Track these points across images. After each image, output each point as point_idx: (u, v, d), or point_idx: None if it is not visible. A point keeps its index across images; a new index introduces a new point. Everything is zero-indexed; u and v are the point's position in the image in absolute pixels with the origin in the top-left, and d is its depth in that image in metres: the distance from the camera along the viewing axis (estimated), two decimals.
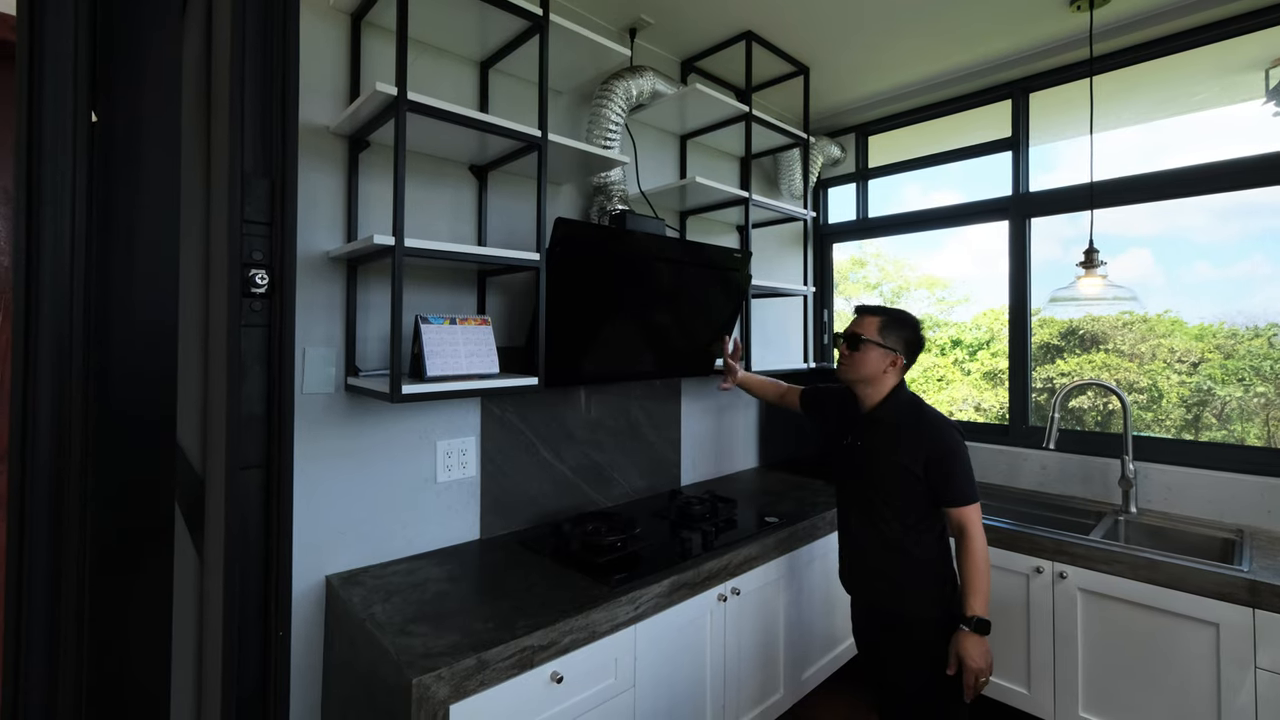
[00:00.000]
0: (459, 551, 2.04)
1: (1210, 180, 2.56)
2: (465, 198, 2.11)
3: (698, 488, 2.84)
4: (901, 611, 1.89)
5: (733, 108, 2.60)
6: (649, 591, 1.84)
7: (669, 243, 2.27)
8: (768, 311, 3.33)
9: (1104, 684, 2.23)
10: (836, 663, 2.66)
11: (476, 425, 2.15)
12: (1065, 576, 2.29)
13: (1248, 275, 5.64)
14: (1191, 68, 2.74)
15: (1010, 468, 3.02)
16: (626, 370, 2.36)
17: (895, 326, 1.97)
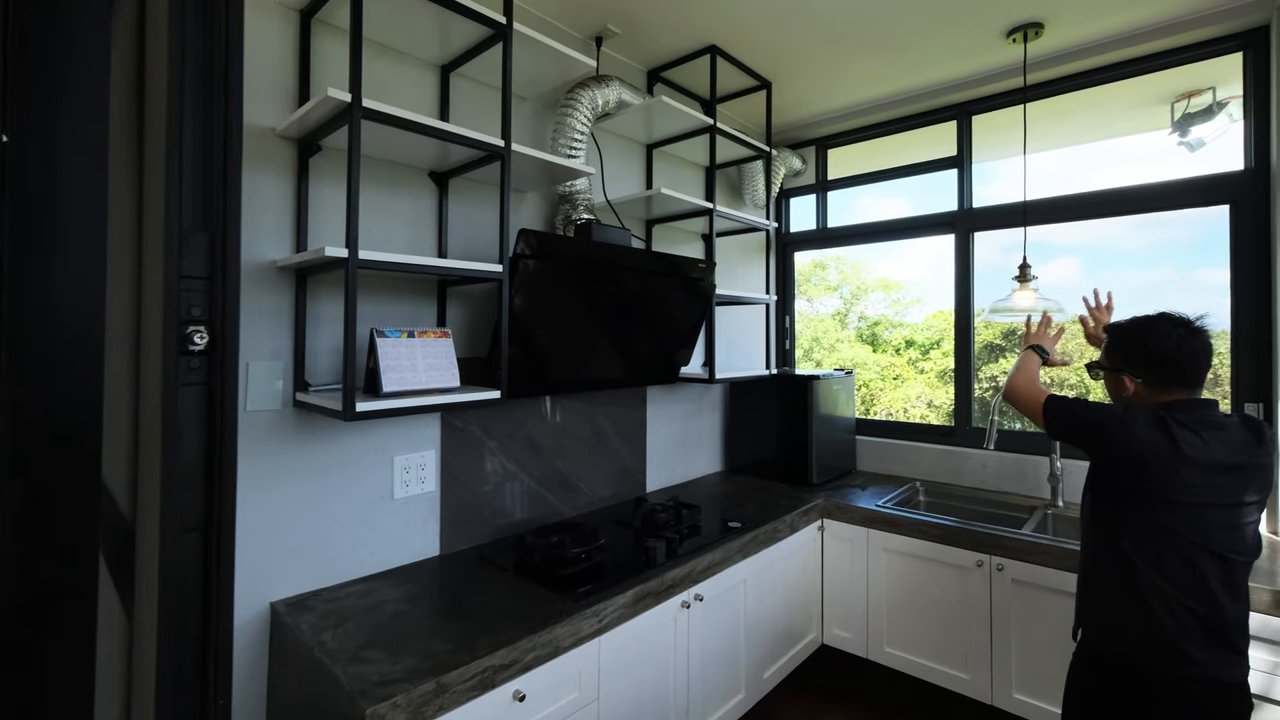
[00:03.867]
0: (418, 569, 1.86)
1: (1123, 203, 2.67)
2: (425, 205, 1.93)
3: (662, 494, 2.72)
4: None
5: (698, 119, 2.47)
6: (613, 603, 1.71)
7: (635, 253, 2.14)
8: (731, 319, 3.22)
9: (1035, 667, 2.24)
10: (796, 660, 2.58)
11: (436, 439, 1.96)
12: (1002, 569, 2.29)
13: (1161, 281, 5.82)
14: (1112, 99, 2.86)
15: (955, 467, 3.03)
16: (592, 380, 2.21)
17: (1121, 343, 1.59)
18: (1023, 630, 2.26)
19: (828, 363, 6.04)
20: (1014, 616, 2.27)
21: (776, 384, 3.03)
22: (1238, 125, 2.53)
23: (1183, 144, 2.81)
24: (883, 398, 5.68)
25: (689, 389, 2.98)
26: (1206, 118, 2.71)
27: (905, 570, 2.52)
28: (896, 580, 2.54)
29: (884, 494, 2.83)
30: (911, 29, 2.43)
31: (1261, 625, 1.85)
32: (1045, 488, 2.74)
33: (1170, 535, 1.43)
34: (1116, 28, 2.47)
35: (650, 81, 2.69)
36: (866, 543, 2.61)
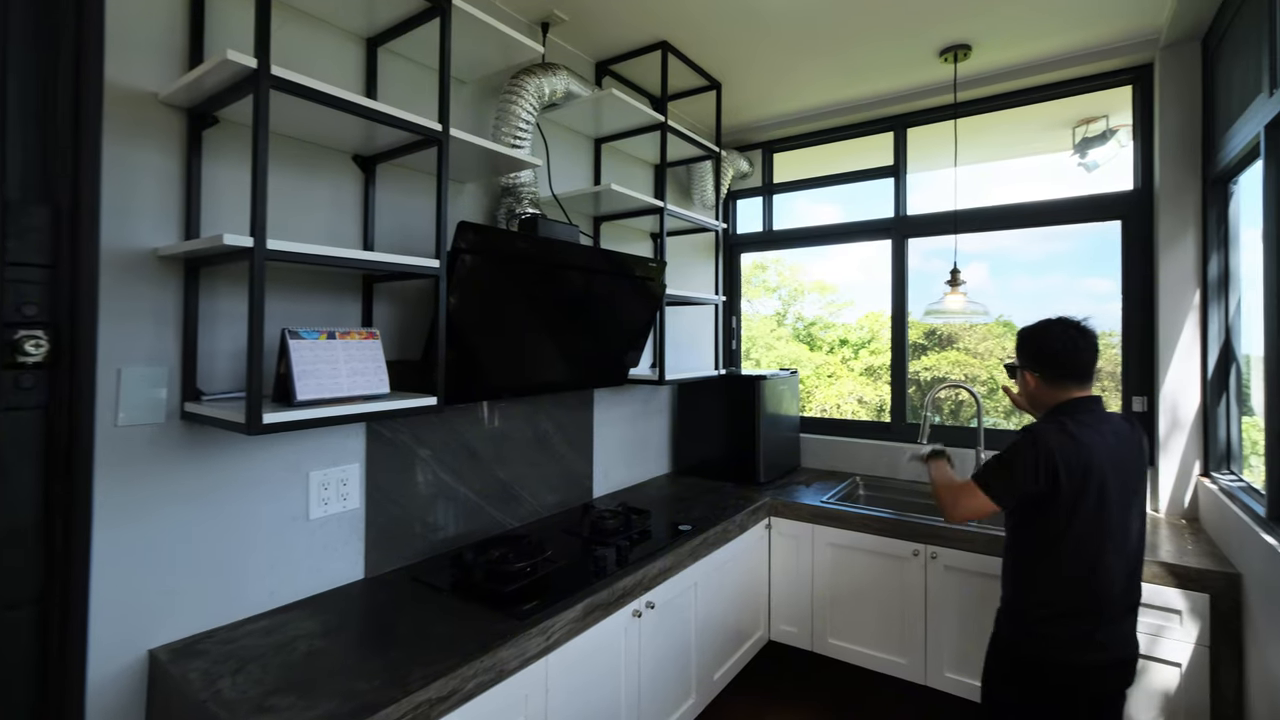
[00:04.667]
0: (338, 597, 1.56)
1: (1036, 216, 2.77)
2: (348, 192, 1.63)
3: (611, 499, 2.50)
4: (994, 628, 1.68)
5: (648, 116, 2.28)
6: (561, 619, 1.51)
7: (584, 250, 1.93)
8: (679, 319, 3.02)
9: (964, 646, 2.22)
10: (745, 658, 2.43)
11: (361, 451, 1.67)
12: (936, 557, 2.27)
13: (1054, 287, 6.10)
14: (1026, 120, 2.94)
15: (892, 461, 2.98)
16: (536, 383, 1.97)
17: (1023, 344, 1.68)
18: (953, 613, 2.25)
19: (765, 361, 5.98)
20: (946, 601, 2.26)
21: (725, 384, 2.87)
22: (1127, 150, 2.67)
23: (1081, 165, 3.03)
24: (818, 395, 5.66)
25: (637, 390, 2.78)
26: (1101, 142, 2.95)
27: (848, 563, 2.44)
28: (839, 573, 2.45)
29: (827, 490, 2.72)
30: (853, 41, 2.38)
31: (1152, 594, 1.90)
32: None
33: (1082, 530, 1.48)
34: (1031, 55, 2.53)
35: (599, 74, 2.47)
36: (812, 538, 2.50)
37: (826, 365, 5.91)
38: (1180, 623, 1.87)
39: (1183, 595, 1.87)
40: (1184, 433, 2.31)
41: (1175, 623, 1.88)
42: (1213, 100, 2.23)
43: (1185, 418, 2.31)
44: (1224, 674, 1.83)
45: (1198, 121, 2.29)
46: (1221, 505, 2.01)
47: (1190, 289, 2.30)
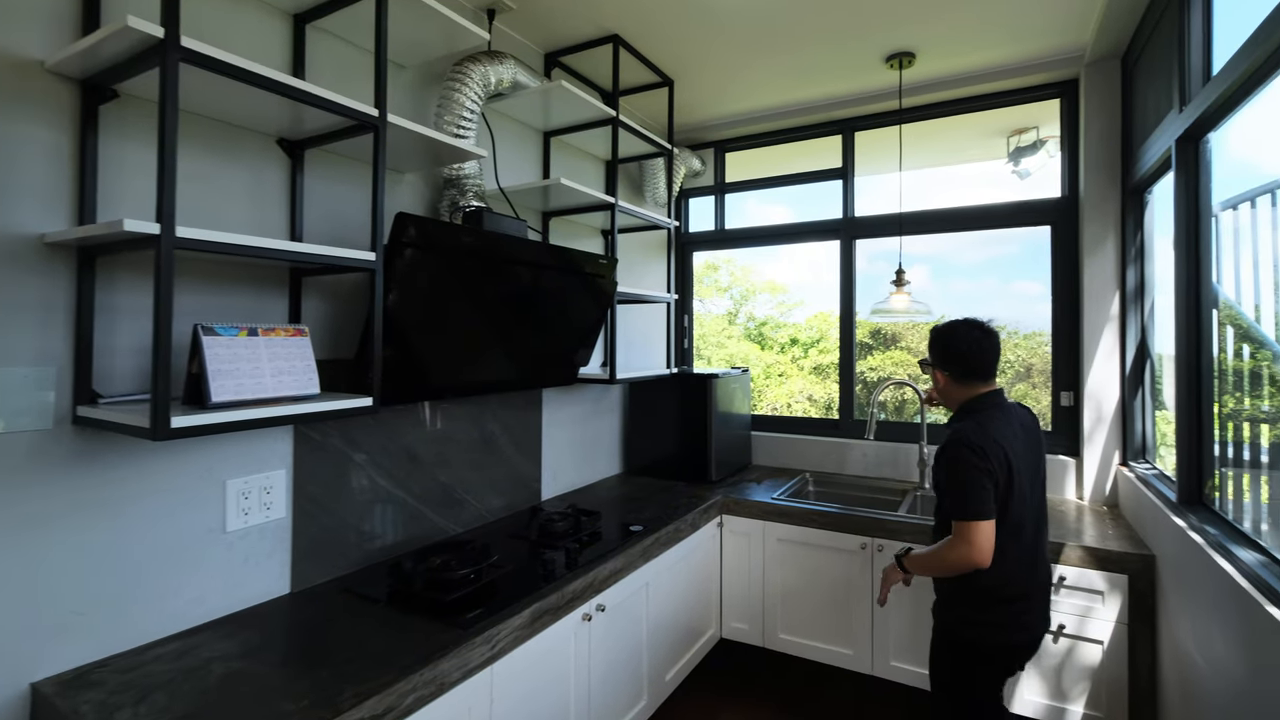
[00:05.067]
0: (260, 614, 1.44)
1: (974, 219, 2.85)
2: (272, 179, 1.50)
3: (560, 501, 2.42)
4: (933, 619, 1.70)
5: (599, 110, 2.22)
6: (508, 626, 1.44)
7: (532, 246, 1.86)
8: (631, 317, 2.97)
9: (909, 635, 2.27)
10: (697, 657, 2.40)
11: (287, 455, 1.54)
12: (882, 549, 2.31)
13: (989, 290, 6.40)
14: (965, 128, 3.05)
15: (840, 457, 3.03)
16: (481, 382, 1.89)
17: (934, 343, 1.75)
18: (898, 604, 2.27)
19: (716, 360, 6.01)
20: (893, 592, 2.26)
21: (677, 383, 2.84)
22: (1055, 159, 2.80)
23: (1015, 173, 3.15)
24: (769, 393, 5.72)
25: (588, 390, 2.72)
26: (1033, 151, 3.08)
27: (798, 558, 2.45)
28: (790, 569, 2.47)
29: (778, 487, 2.74)
30: (804, 42, 2.39)
31: (1078, 577, 2.00)
32: (915, 471, 2.81)
33: (1009, 518, 1.54)
34: (969, 66, 2.61)
35: (548, 65, 2.39)
36: (763, 535, 2.50)
37: (777, 364, 5.99)
38: (1103, 603, 1.96)
39: (1104, 577, 1.96)
40: (1105, 426, 2.43)
41: (1099, 603, 1.97)
42: (1131, 114, 2.34)
43: (1107, 412, 2.43)
44: (1140, 649, 1.93)
45: (1117, 134, 2.41)
46: (1138, 492, 2.12)
47: (1111, 292, 2.42)
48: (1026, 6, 2.13)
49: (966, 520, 1.49)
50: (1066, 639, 2.01)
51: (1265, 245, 2.55)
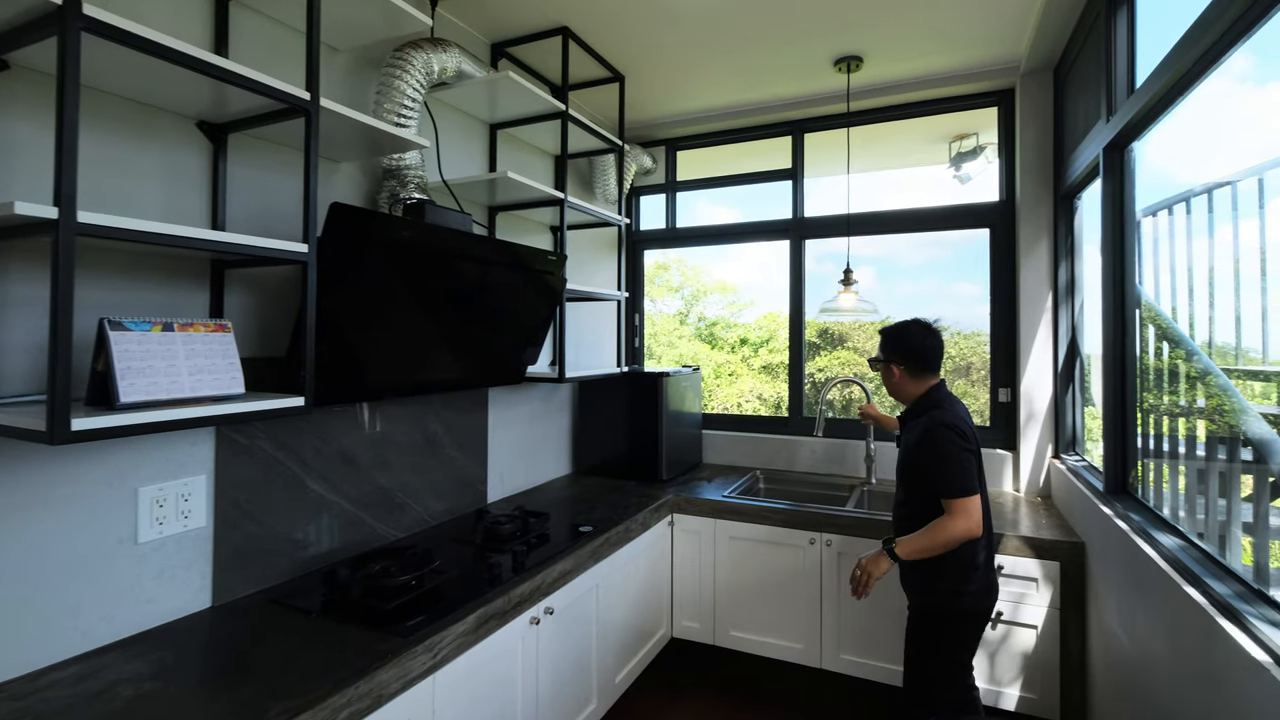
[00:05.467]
0: (177, 631, 1.33)
1: (919, 221, 2.95)
2: (190, 163, 1.39)
3: (507, 503, 2.37)
4: (910, 599, 1.81)
5: (548, 103, 2.18)
6: (451, 632, 1.39)
7: (478, 240, 1.80)
8: (580, 315, 2.94)
9: (857, 628, 2.32)
10: (648, 657, 2.39)
11: (209, 460, 1.44)
12: (830, 544, 2.35)
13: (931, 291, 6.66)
14: (910, 133, 3.14)
15: (790, 454, 3.08)
16: (424, 382, 1.83)
17: (891, 342, 1.89)
18: (847, 597, 2.32)
19: (666, 359, 6.03)
20: (840, 586, 2.33)
21: (628, 382, 2.82)
22: (994, 165, 2.90)
23: (956, 177, 3.25)
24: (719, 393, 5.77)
25: (536, 389, 2.67)
26: (973, 157, 3.18)
27: (748, 555, 2.47)
28: (740, 566, 2.48)
29: (729, 484, 2.76)
30: (755, 42, 2.41)
31: (1014, 565, 2.09)
32: (862, 467, 2.87)
33: (983, 492, 1.72)
34: (914, 72, 2.69)
35: (495, 56, 2.33)
36: (714, 533, 2.51)
37: (728, 364, 6.05)
38: (1037, 589, 2.05)
39: (1039, 564, 2.05)
40: (1039, 420, 2.54)
41: (1033, 589, 2.06)
42: (1062, 123, 2.46)
43: (1040, 408, 2.54)
44: (1071, 632, 2.02)
45: (1050, 142, 2.52)
46: (1069, 483, 2.23)
47: (1045, 293, 2.53)
48: (967, 16, 2.20)
49: (961, 496, 1.64)
50: (1004, 625, 2.09)
51: (1181, 251, 2.72)
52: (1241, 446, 1.76)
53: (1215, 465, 1.86)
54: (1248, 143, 1.82)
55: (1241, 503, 1.79)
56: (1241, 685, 1.06)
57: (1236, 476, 1.81)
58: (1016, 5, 2.13)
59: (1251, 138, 1.75)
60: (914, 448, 1.75)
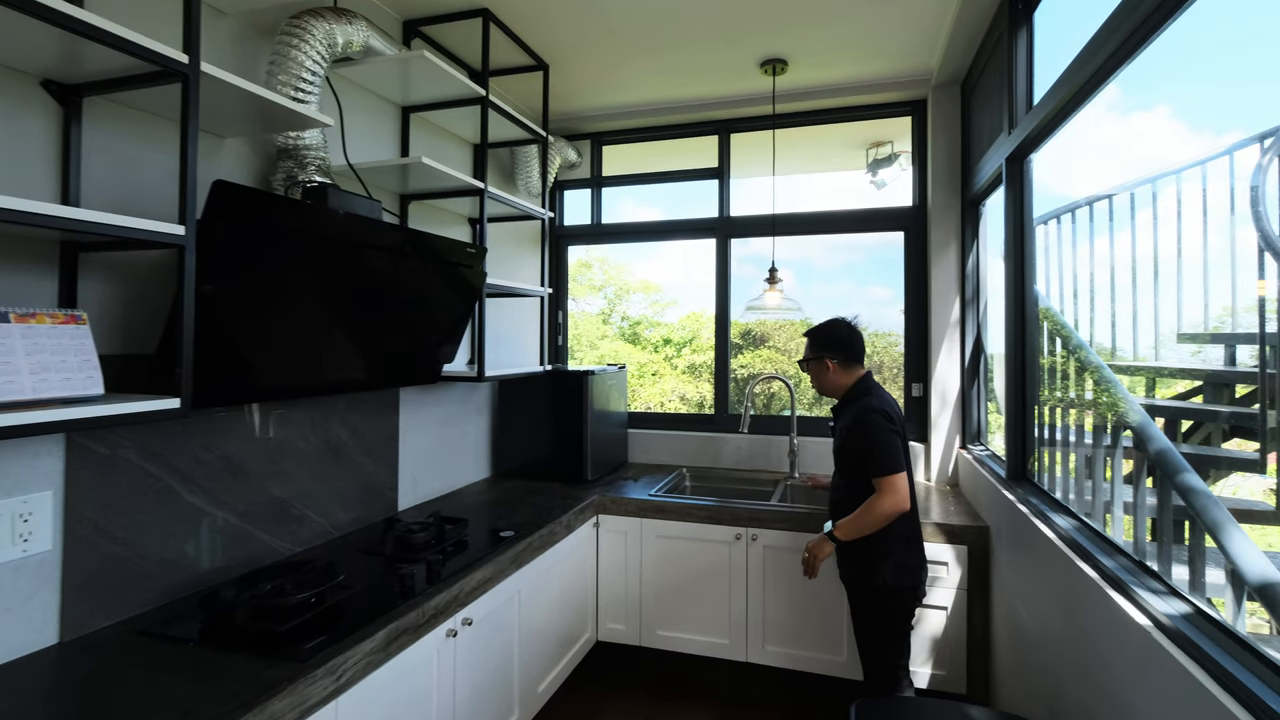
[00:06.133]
0: (14, 673, 1.14)
1: (840, 223, 3.06)
2: (33, 129, 1.20)
3: (420, 510, 2.24)
4: (848, 579, 1.90)
5: (467, 87, 2.07)
6: (357, 651, 1.28)
7: (387, 229, 1.68)
8: (501, 312, 2.84)
9: (782, 619, 2.36)
10: (572, 663, 2.33)
11: (57, 474, 1.24)
12: (756, 539, 2.38)
13: (846, 293, 7.00)
14: (831, 138, 3.25)
15: (715, 451, 3.10)
16: (325, 382, 1.69)
17: (821, 339, 2.01)
18: (772, 590, 2.36)
19: (588, 360, 5.99)
20: (765, 579, 2.37)
21: (551, 381, 2.75)
22: (907, 172, 3.05)
23: (873, 183, 3.40)
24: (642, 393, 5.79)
25: (453, 389, 2.54)
26: (888, 164, 3.32)
27: (675, 553, 2.47)
28: (667, 565, 2.47)
29: (655, 483, 2.74)
30: (683, 39, 2.40)
31: (928, 551, 2.13)
32: (786, 462, 2.93)
33: (909, 472, 1.86)
34: (835, 78, 2.77)
35: (407, 34, 2.20)
36: (640, 533, 2.49)
37: (651, 363, 6.08)
38: (947, 572, 2.16)
39: (949, 549, 2.16)
40: (948, 413, 2.68)
41: (944, 573, 2.16)
42: (969, 134, 2.60)
43: (949, 401, 2.68)
44: (976, 610, 2.14)
45: (958, 151, 2.67)
46: (975, 471, 2.36)
47: (953, 294, 2.68)
48: (884, 28, 2.29)
49: (890, 474, 1.77)
50: (918, 608, 2.19)
51: (1067, 257, 2.96)
52: (1124, 433, 1.94)
53: (1100, 451, 2.03)
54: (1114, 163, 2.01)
55: (1122, 484, 1.96)
56: (1126, 649, 1.15)
57: (1119, 461, 1.99)
58: (928, 21, 2.23)
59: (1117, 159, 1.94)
60: (846, 433, 1.87)
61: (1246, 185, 2.13)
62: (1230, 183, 2.22)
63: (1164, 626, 1.07)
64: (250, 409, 1.66)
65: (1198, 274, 2.36)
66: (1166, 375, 2.67)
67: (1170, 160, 2.47)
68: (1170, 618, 1.06)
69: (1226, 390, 2.44)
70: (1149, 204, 2.52)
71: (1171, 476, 1.63)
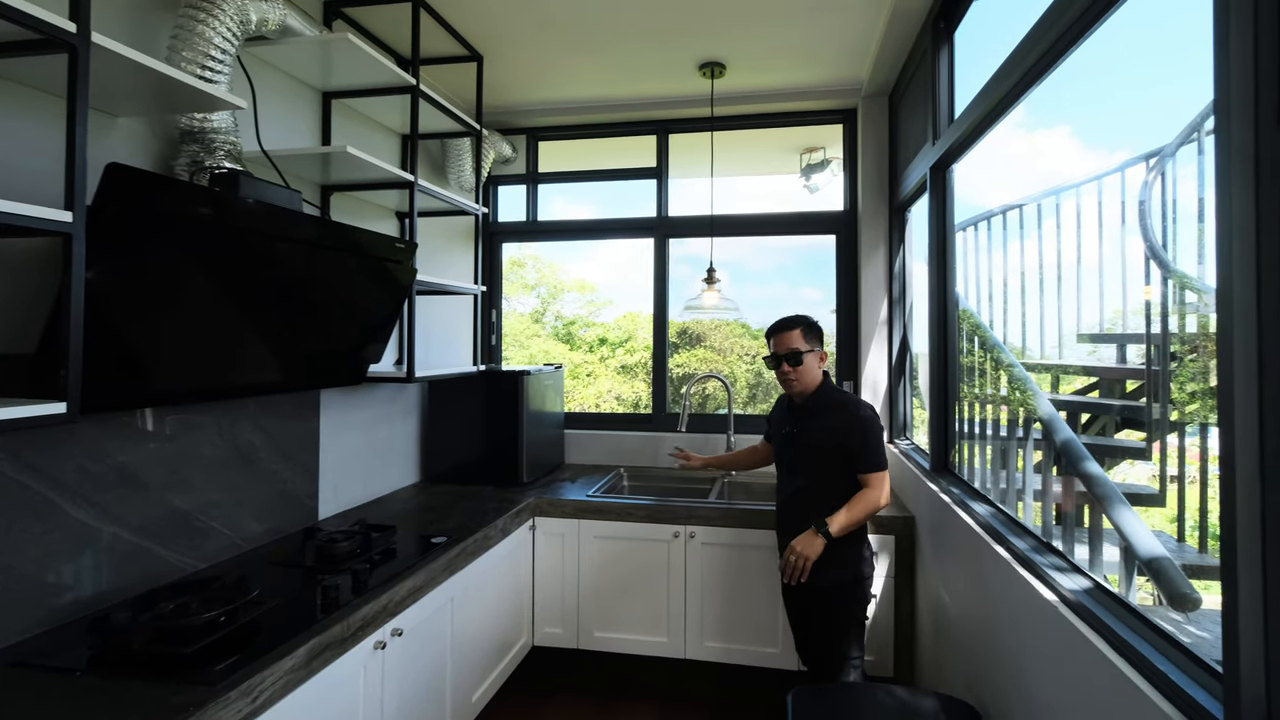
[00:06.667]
0: None
1: (776, 225, 3.15)
2: None
3: (344, 518, 2.14)
4: (821, 575, 1.85)
5: (396, 75, 1.99)
6: (275, 670, 1.21)
7: (307, 221, 1.60)
8: (432, 310, 2.74)
9: (720, 615, 2.40)
10: (507, 670, 2.29)
11: None
12: (694, 536, 2.41)
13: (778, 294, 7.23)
14: (766, 142, 3.34)
15: (654, 450, 3.13)
16: (235, 384, 1.58)
17: (810, 329, 1.96)
18: (710, 587, 2.40)
19: (518, 360, 5.92)
20: (704, 576, 2.41)
21: (485, 381, 2.69)
22: (839, 178, 3.17)
23: (806, 187, 3.52)
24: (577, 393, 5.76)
25: (379, 390, 2.43)
26: (821, 169, 3.45)
27: (613, 554, 2.47)
28: (605, 565, 2.47)
29: (593, 484, 2.73)
30: (622, 38, 2.41)
31: None
32: None
33: None
34: (771, 84, 2.85)
35: (329, 15, 2.09)
36: (578, 534, 2.47)
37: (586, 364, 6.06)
38: (876, 561, 2.25)
39: (878, 539, 2.25)
40: (877, 409, 2.81)
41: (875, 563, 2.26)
42: (896, 143, 2.73)
43: (878, 397, 2.81)
44: (903, 597, 2.26)
45: (886, 159, 2.80)
46: (901, 464, 2.48)
47: (881, 295, 2.81)
48: (818, 37, 2.37)
49: (883, 470, 1.84)
50: None
51: (984, 262, 3.16)
52: (1034, 426, 2.09)
53: (1014, 443, 2.18)
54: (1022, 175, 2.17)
55: (1032, 473, 2.12)
56: (1036, 623, 1.24)
57: (1030, 451, 2.15)
58: (860, 33, 2.33)
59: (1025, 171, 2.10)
60: (840, 432, 1.86)
61: (1135, 200, 2.36)
62: (1122, 197, 2.45)
63: (1068, 601, 1.16)
64: (143, 414, 1.52)
65: (1094, 280, 2.58)
66: (1069, 372, 2.91)
67: (1071, 175, 2.69)
68: (1074, 593, 1.16)
69: (1118, 385, 2.68)
70: (1053, 214, 2.73)
71: (1075, 464, 1.78)
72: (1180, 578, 1.41)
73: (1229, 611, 0.73)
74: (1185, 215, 2.22)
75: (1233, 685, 0.72)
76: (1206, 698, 0.82)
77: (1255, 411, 0.71)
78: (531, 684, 2.47)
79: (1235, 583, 0.72)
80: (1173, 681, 0.87)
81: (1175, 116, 2.40)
